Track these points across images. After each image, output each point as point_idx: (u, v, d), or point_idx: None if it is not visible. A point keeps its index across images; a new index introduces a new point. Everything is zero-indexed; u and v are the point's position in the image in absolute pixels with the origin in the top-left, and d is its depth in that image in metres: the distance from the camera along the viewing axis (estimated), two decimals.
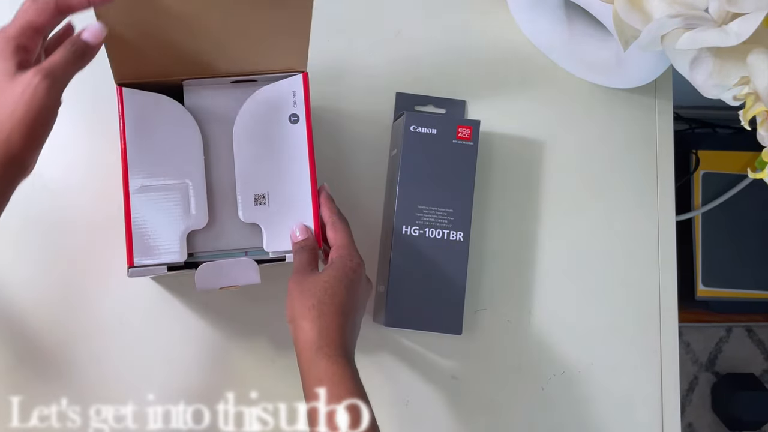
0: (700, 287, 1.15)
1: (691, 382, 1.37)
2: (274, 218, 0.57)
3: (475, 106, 0.69)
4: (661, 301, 0.69)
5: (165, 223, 0.55)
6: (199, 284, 0.55)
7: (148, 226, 0.54)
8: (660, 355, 0.69)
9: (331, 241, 0.57)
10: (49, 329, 0.62)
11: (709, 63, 0.48)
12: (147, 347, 0.63)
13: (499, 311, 0.68)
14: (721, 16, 0.46)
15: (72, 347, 0.62)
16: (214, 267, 0.55)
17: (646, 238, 0.70)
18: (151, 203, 0.54)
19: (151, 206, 0.54)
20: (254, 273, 0.56)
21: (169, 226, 0.55)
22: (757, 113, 0.47)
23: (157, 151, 0.55)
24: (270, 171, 0.57)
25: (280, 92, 0.57)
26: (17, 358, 0.62)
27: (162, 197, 0.55)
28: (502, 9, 0.71)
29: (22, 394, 0.60)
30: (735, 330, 1.39)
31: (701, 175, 1.14)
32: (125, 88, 0.54)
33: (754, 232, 1.15)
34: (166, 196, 0.55)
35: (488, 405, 0.67)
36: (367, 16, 0.70)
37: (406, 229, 0.62)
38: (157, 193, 0.55)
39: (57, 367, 0.62)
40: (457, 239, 0.63)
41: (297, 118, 0.57)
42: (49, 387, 0.61)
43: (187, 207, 0.55)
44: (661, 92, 0.72)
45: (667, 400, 0.68)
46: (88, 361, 0.62)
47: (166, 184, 0.55)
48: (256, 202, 0.56)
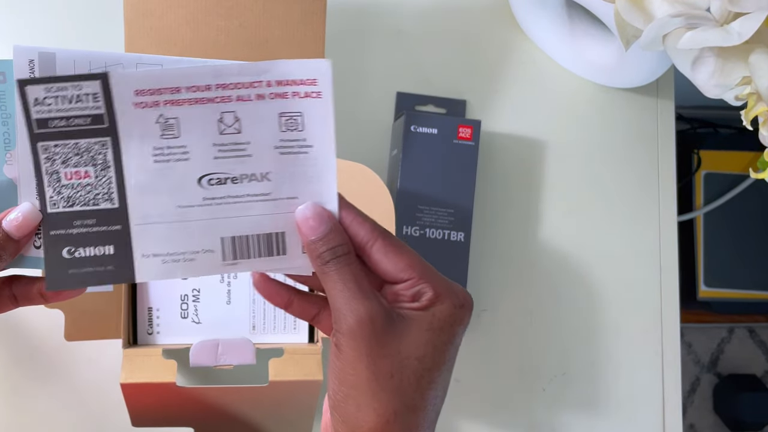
0: (701, 288, 1.14)
1: (692, 383, 1.37)
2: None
3: (476, 105, 0.69)
4: (663, 302, 0.69)
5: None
6: (194, 360, 0.53)
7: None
8: (662, 356, 0.68)
9: (398, 269, 0.35)
10: (49, 329, 0.62)
11: (710, 63, 0.48)
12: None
13: (500, 312, 0.67)
14: (723, 15, 0.46)
15: (72, 347, 0.62)
16: (209, 345, 0.54)
17: (648, 238, 0.70)
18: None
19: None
20: (250, 354, 0.54)
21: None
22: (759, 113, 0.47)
23: None
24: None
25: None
26: (16, 358, 0.62)
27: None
28: (504, 8, 0.70)
29: (21, 394, 0.60)
30: (737, 331, 1.38)
31: (703, 175, 1.14)
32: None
33: (756, 233, 1.15)
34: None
35: (489, 406, 0.66)
36: (367, 15, 0.70)
37: (407, 230, 0.62)
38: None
39: (57, 367, 0.62)
40: (458, 240, 0.62)
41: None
42: (48, 387, 0.61)
43: None
44: (663, 92, 0.72)
45: (668, 401, 0.68)
46: (88, 362, 0.62)
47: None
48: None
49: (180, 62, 0.36)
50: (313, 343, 0.57)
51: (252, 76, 0.36)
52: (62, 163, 0.36)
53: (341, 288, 0.34)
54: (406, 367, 0.33)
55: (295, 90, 0.36)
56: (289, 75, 0.36)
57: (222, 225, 0.37)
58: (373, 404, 0.33)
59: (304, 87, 0.36)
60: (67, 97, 0.35)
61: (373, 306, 0.33)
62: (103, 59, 0.36)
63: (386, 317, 0.33)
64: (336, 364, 0.34)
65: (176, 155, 0.36)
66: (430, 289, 0.35)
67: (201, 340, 0.54)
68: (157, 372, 0.53)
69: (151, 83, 0.35)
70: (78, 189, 0.36)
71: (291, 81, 0.36)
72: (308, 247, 0.35)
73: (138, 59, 0.36)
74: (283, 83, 0.36)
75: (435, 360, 0.34)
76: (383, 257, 0.35)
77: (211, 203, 0.37)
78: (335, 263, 0.34)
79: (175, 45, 0.54)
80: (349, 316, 0.33)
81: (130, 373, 0.53)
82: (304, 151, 0.37)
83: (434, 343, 0.34)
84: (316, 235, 0.35)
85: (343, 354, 0.33)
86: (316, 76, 0.36)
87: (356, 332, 0.33)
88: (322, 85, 0.36)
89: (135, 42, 0.54)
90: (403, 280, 0.36)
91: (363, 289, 0.34)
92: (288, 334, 0.57)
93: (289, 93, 0.36)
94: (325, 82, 0.36)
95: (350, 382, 0.33)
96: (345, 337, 0.33)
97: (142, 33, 0.54)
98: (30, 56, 0.35)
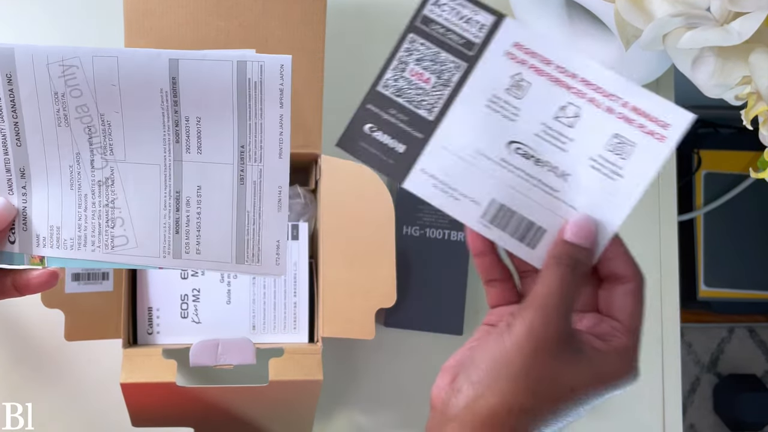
0: (702, 287, 1.14)
1: (692, 383, 1.37)
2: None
3: None
4: (663, 302, 0.69)
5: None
6: (194, 360, 0.53)
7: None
8: (662, 356, 0.68)
9: (623, 311, 0.36)
10: (49, 329, 0.62)
11: (710, 62, 0.48)
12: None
13: None
14: (723, 15, 0.46)
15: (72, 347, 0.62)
16: (210, 345, 0.54)
17: (648, 238, 0.70)
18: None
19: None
20: (250, 354, 0.54)
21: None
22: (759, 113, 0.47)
23: None
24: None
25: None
26: (16, 358, 0.62)
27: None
28: (504, 8, 0.70)
29: (21, 394, 0.60)
30: (737, 330, 1.38)
31: (703, 174, 1.14)
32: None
33: (757, 232, 1.15)
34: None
35: None
36: (367, 15, 0.70)
37: (407, 230, 0.62)
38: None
39: (57, 367, 0.62)
40: (458, 239, 0.62)
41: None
42: (47, 389, 0.61)
43: None
44: (663, 91, 0.72)
45: (668, 401, 0.68)
46: (88, 362, 0.62)
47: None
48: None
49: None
50: (313, 343, 0.57)
51: (616, 89, 0.37)
52: (416, 60, 0.39)
53: (555, 291, 0.34)
54: (554, 384, 0.34)
55: (644, 123, 0.37)
56: (648, 108, 0.37)
57: (501, 189, 0.38)
58: (513, 387, 0.34)
59: (654, 125, 0.37)
60: (461, 14, 0.38)
61: (563, 323, 0.34)
62: (60, 53, 0.36)
63: (568, 337, 0.35)
64: (499, 340, 0.34)
65: (507, 112, 0.38)
66: (623, 342, 0.36)
67: (201, 340, 0.53)
68: (157, 372, 0.53)
69: (532, 44, 0.37)
70: (412, 87, 0.39)
71: (646, 113, 0.37)
72: (557, 244, 0.36)
73: (94, 52, 0.36)
74: (639, 112, 0.37)
75: (575, 400, 0.35)
76: (623, 296, 0.37)
77: (505, 167, 0.38)
78: (569, 269, 0.35)
79: (175, 45, 0.54)
80: (540, 318, 0.34)
81: (130, 373, 0.53)
82: (612, 177, 0.38)
83: (587, 390, 0.35)
84: (573, 239, 0.36)
85: (514, 334, 0.34)
86: (671, 122, 0.37)
87: (537, 330, 0.34)
88: (672, 133, 0.37)
89: (135, 42, 0.54)
90: (614, 318, 0.37)
91: (566, 304, 0.35)
92: (288, 334, 0.57)
93: (637, 122, 0.37)
94: (677, 132, 0.37)
95: (506, 360, 0.34)
96: (527, 320, 0.34)
97: (142, 33, 0.54)
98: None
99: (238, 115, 0.38)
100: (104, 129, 0.37)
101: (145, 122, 0.37)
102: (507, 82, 0.37)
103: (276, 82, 0.38)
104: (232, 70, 0.37)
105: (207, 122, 0.38)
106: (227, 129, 0.38)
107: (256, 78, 0.38)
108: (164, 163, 0.38)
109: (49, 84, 0.36)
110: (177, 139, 0.38)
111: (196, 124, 0.38)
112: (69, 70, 0.36)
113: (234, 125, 0.38)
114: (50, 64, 0.36)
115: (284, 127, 0.38)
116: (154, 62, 0.36)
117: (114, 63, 0.36)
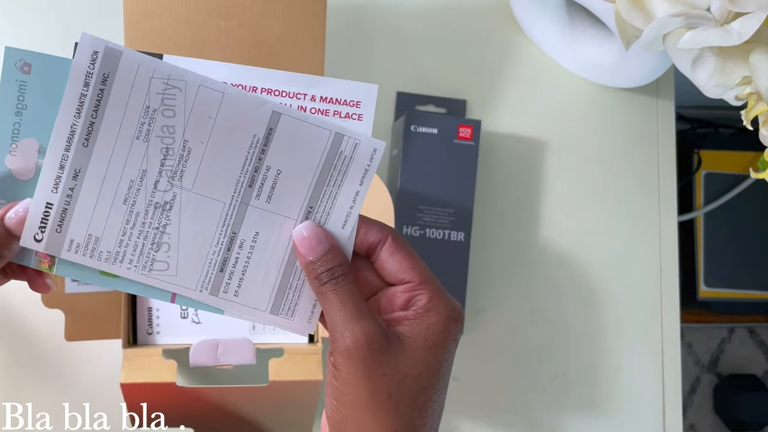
0: (702, 288, 1.14)
1: (693, 383, 1.37)
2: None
3: (476, 105, 0.69)
4: (663, 302, 0.69)
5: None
6: (194, 360, 0.53)
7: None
8: (662, 356, 0.68)
9: (402, 269, 0.36)
10: (49, 329, 0.62)
11: (711, 62, 0.48)
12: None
13: (500, 312, 0.67)
14: (723, 15, 0.46)
15: (72, 347, 0.62)
16: (209, 345, 0.54)
17: (648, 238, 0.70)
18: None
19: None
20: (250, 354, 0.54)
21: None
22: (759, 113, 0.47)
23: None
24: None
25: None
26: (16, 358, 0.62)
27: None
28: (504, 8, 0.70)
29: (21, 394, 0.60)
30: (737, 331, 1.38)
31: (703, 175, 1.14)
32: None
33: (757, 233, 1.15)
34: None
35: (489, 406, 0.66)
36: (367, 15, 0.70)
37: (407, 230, 0.62)
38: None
39: (57, 367, 0.62)
40: (458, 240, 0.62)
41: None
42: (47, 389, 0.61)
43: None
44: (663, 92, 0.72)
45: (668, 401, 0.68)
46: (88, 362, 0.62)
47: None
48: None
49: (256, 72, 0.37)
50: (313, 343, 0.57)
51: (299, 87, 0.37)
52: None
53: (338, 308, 0.34)
54: (403, 386, 0.33)
55: (338, 109, 0.37)
56: (336, 94, 0.37)
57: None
58: (373, 425, 0.32)
59: (348, 108, 0.37)
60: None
61: (370, 326, 0.33)
62: (168, 72, 0.36)
63: (383, 337, 0.33)
64: (334, 384, 0.33)
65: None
66: (425, 296, 0.35)
67: (201, 340, 0.53)
68: (157, 372, 0.53)
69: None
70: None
71: (336, 100, 0.37)
72: (306, 268, 0.35)
73: (202, 81, 0.36)
74: (329, 101, 0.37)
75: (430, 379, 0.33)
76: (389, 257, 0.36)
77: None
78: (333, 284, 0.34)
79: (175, 45, 0.54)
80: (346, 337, 0.33)
81: (130, 373, 0.53)
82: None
83: (429, 362, 0.33)
84: (314, 255, 0.35)
85: (341, 374, 0.33)
86: (362, 99, 0.37)
87: (353, 352, 0.33)
88: (366, 109, 0.37)
89: (135, 42, 0.54)
90: (403, 281, 0.35)
91: (360, 309, 0.34)
92: (288, 334, 0.57)
93: (332, 111, 0.37)
94: (370, 107, 0.37)
95: (348, 402, 0.33)
96: (342, 357, 0.33)
97: (142, 33, 0.54)
98: (96, 47, 0.35)
99: (318, 179, 0.38)
100: (182, 155, 0.37)
101: (226, 160, 0.37)
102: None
103: (364, 163, 0.38)
104: (327, 138, 0.37)
105: (285, 176, 0.38)
106: (302, 188, 0.38)
107: (348, 153, 0.37)
108: (230, 203, 0.37)
109: (145, 96, 0.36)
110: (251, 184, 0.37)
111: (275, 175, 0.37)
112: (171, 90, 0.36)
113: (310, 186, 0.38)
114: (154, 78, 0.35)
115: (356, 203, 0.38)
116: (258, 109, 0.36)
117: (218, 97, 0.36)
